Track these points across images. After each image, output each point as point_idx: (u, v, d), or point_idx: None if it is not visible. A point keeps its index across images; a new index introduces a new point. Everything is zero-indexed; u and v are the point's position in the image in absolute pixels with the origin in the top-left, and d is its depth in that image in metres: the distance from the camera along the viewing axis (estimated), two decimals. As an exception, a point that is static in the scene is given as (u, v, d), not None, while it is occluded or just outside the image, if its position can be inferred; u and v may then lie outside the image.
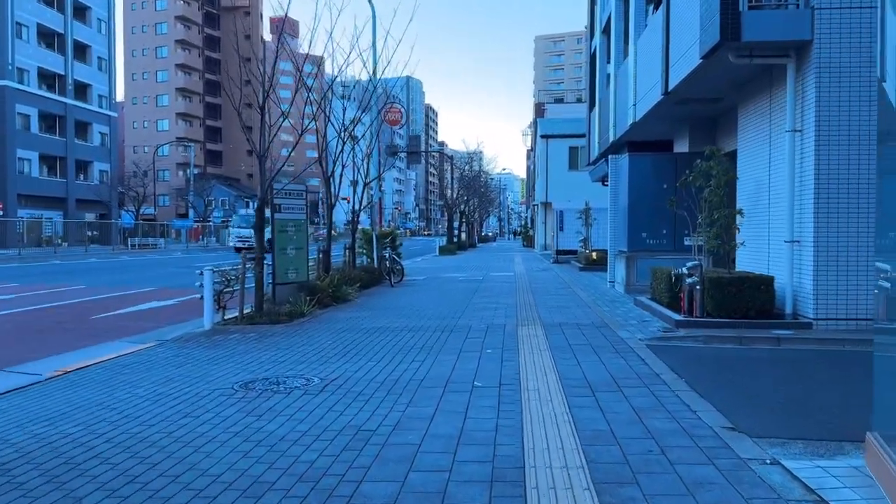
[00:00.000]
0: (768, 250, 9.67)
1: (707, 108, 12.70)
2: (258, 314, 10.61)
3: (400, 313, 11.13)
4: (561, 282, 17.02)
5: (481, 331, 9.03)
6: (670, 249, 13.09)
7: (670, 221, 13.11)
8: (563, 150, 39.94)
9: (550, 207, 37.84)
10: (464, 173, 49.17)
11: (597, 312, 10.72)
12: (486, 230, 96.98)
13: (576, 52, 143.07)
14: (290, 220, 12.24)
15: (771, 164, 9.62)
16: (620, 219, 14.07)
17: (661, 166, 13.19)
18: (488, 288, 15.59)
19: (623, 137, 16.57)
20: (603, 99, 19.85)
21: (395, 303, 12.78)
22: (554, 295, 13.70)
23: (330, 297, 12.66)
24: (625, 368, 6.44)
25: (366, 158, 16.75)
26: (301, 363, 7.11)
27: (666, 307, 9.73)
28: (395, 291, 15.16)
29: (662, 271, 10.21)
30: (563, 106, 52.04)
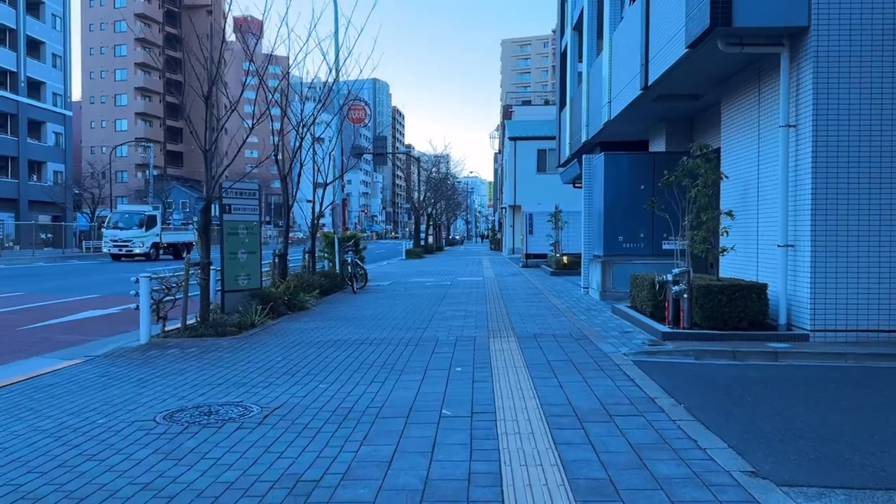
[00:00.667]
0: (757, 255, 9.00)
1: (686, 105, 12.05)
2: (203, 325, 9.61)
3: (361, 323, 10.22)
4: (532, 287, 16.26)
5: (450, 344, 8.17)
6: (648, 254, 12.40)
7: (648, 224, 12.43)
8: (531, 153, 39.33)
9: (519, 210, 37.23)
10: (431, 175, 48.30)
11: (573, 322, 9.95)
12: (453, 233, 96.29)
13: (542, 56, 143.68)
14: (242, 221, 11.25)
15: (760, 163, 8.95)
16: (595, 222, 13.36)
17: (639, 166, 12.50)
18: (457, 294, 14.75)
19: (596, 137, 15.90)
20: (575, 98, 19.19)
21: (356, 311, 11.86)
22: (526, 302, 12.91)
23: (285, 306, 11.70)
24: (613, 391, 5.63)
25: (327, 156, 15.78)
26: (242, 385, 6.17)
27: (649, 317, 8.99)
28: (358, 298, 14.23)
29: (644, 278, 9.48)
30: (531, 108, 51.46)
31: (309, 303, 12.45)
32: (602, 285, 12.53)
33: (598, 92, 14.83)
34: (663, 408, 5.08)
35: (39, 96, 58.82)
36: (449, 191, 60.20)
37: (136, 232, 34.14)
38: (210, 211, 10.10)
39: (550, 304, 12.50)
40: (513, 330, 9.24)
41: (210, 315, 10.00)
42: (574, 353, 7.41)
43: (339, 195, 19.25)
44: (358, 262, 16.29)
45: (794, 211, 7.96)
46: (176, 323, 9.70)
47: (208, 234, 10.19)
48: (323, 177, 15.64)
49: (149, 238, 34.48)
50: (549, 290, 15.54)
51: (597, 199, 13.26)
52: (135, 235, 34.08)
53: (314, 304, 12.65)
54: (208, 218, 10.01)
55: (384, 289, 16.42)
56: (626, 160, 12.62)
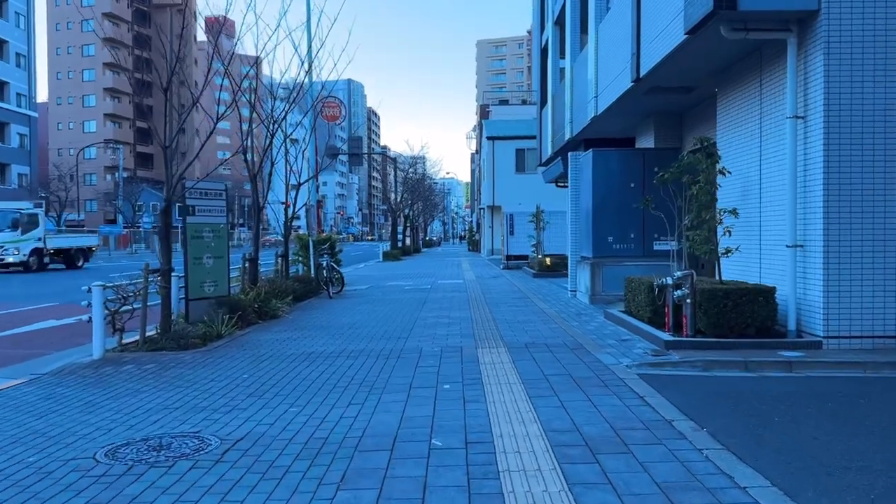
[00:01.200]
0: (759, 256, 8.45)
1: (677, 98, 11.51)
2: (164, 338, 8.82)
3: (337, 333, 9.49)
4: (516, 291, 15.64)
5: (435, 356, 7.49)
6: (639, 255, 11.83)
7: (639, 224, 11.87)
8: (510, 153, 38.77)
9: (498, 211, 36.66)
10: (408, 176, 47.56)
11: (565, 329, 9.32)
12: (430, 235, 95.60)
13: (517, 57, 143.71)
14: (207, 224, 10.47)
15: (762, 158, 8.40)
16: (583, 222, 12.76)
17: (629, 163, 11.93)
18: (438, 298, 14.07)
19: (581, 135, 15.33)
20: (557, 94, 18.62)
21: (332, 319, 11.12)
22: (512, 307, 12.28)
23: (255, 314, 10.93)
24: (623, 412, 4.99)
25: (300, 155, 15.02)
26: (202, 410, 5.44)
27: (647, 323, 8.39)
28: (334, 304, 13.48)
29: (640, 281, 8.88)
30: (509, 108, 50.91)
31: (281, 310, 11.69)
32: (591, 288, 11.93)
33: (583, 87, 14.27)
34: (684, 433, 4.45)
35: (3, 96, 57.06)
36: (426, 192, 59.51)
37: (9, 235, 26.93)
38: (170, 213, 9.30)
39: (538, 308, 11.87)
40: (502, 339, 8.59)
41: (172, 326, 9.21)
42: (572, 365, 6.77)
43: (314, 196, 18.47)
44: (334, 266, 15.54)
45: (804, 208, 7.41)
46: (134, 335, 8.91)
47: (169, 237, 9.39)
48: (296, 177, 14.88)
49: (27, 243, 27.38)
50: (534, 293, 14.92)
51: (584, 198, 12.67)
52: (7, 240, 26.83)
53: (287, 312, 11.89)
54: (168, 220, 9.22)
55: (362, 293, 15.69)
56: (615, 157, 12.04)
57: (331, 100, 19.97)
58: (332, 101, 19.97)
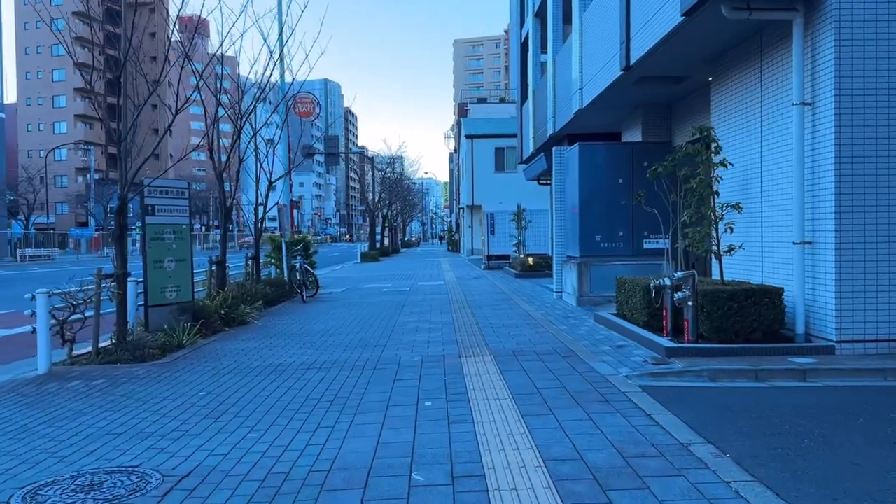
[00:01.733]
0: (761, 254, 7.90)
1: (667, 89, 10.96)
2: (119, 348, 8.08)
3: (309, 341, 8.80)
4: (499, 292, 15.02)
5: (414, 367, 6.83)
6: (629, 254, 11.27)
7: (628, 222, 11.31)
8: (489, 151, 38.21)
9: (478, 210, 36.06)
10: (386, 175, 46.81)
11: (554, 334, 8.71)
12: (409, 235, 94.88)
13: (495, 57, 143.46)
14: (168, 224, 9.72)
15: (764, 149, 7.85)
16: (569, 220, 12.18)
17: (617, 158, 11.36)
18: (418, 301, 13.41)
19: (564, 129, 14.77)
20: (538, 89, 18.05)
21: (304, 325, 10.41)
22: (495, 309, 11.65)
23: (221, 321, 10.19)
24: (631, 435, 4.37)
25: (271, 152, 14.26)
26: (148, 436, 4.73)
27: (643, 328, 7.80)
28: (308, 309, 12.76)
29: (634, 283, 8.29)
30: (487, 106, 50.42)
31: (250, 316, 10.96)
32: (579, 290, 11.34)
33: (567, 80, 13.70)
34: (704, 460, 3.84)
35: (-32, 97, 55.31)
36: (404, 191, 58.83)
37: None
38: (126, 212, 8.55)
39: (523, 311, 11.25)
40: (487, 346, 7.95)
41: (129, 335, 8.47)
42: (566, 376, 6.15)
43: (287, 195, 17.71)
44: (308, 268, 14.80)
45: (812, 202, 6.86)
46: (87, 346, 8.16)
47: (124, 239, 8.63)
48: (267, 175, 14.13)
49: None
50: (518, 294, 14.32)
51: (570, 194, 12.08)
52: None
53: (257, 318, 11.16)
54: (123, 221, 8.46)
55: (337, 297, 14.98)
56: (603, 151, 11.46)
57: (304, 95, 19.21)
58: (306, 97, 19.21)
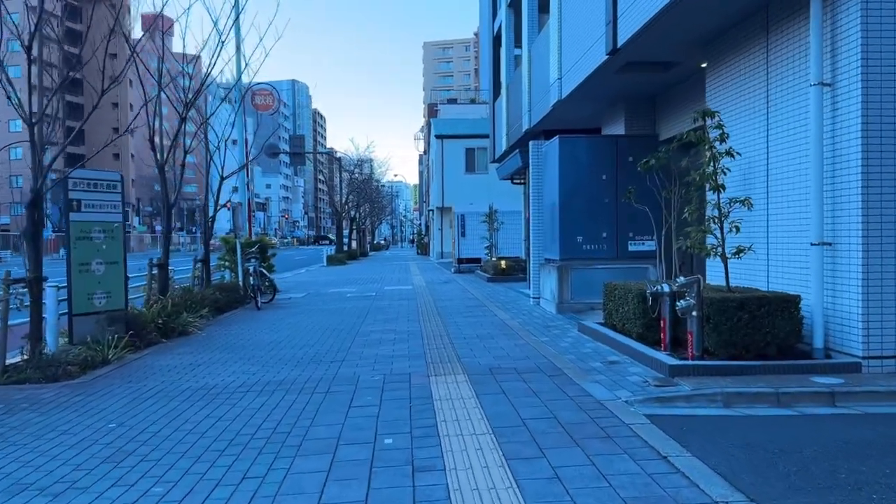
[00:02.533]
0: (766, 256, 7.02)
1: (653, 78, 10.09)
2: (31, 365, 6.89)
3: (255, 354, 7.68)
4: (471, 298, 14.03)
5: (375, 388, 5.79)
6: (612, 257, 10.35)
7: (611, 222, 10.39)
8: (459, 152, 37.27)
9: (448, 212, 35.08)
10: (353, 176, 45.58)
11: (535, 346, 7.73)
12: (378, 238, 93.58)
13: (464, 60, 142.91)
14: (98, 222, 8.56)
15: (770, 137, 6.98)
16: (548, 220, 11.23)
17: (600, 152, 10.44)
18: (383, 308, 12.34)
19: (540, 125, 13.85)
20: (512, 83, 17.13)
21: (253, 335, 9.29)
22: (468, 316, 10.65)
23: (158, 331, 9.02)
24: (647, 487, 3.39)
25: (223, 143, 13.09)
26: (22, 490, 3.63)
27: (638, 340, 6.85)
28: (261, 316, 11.61)
29: (626, 289, 7.34)
30: (458, 107, 49.50)
31: (194, 325, 9.78)
32: (559, 295, 10.39)
33: (544, 70, 12.77)
34: (755, 531, 2.86)
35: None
36: (373, 193, 57.61)
37: None
38: (41, 207, 7.39)
39: (498, 319, 10.27)
40: (459, 361, 6.93)
41: (43, 349, 7.28)
42: (555, 401, 5.15)
43: (244, 192, 16.52)
44: (264, 272, 13.63)
45: (833, 196, 5.98)
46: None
47: (39, 239, 7.46)
48: (218, 169, 12.96)
49: None
50: (491, 300, 13.34)
51: (549, 192, 11.14)
52: None
53: (201, 327, 9.98)
54: (37, 216, 7.29)
55: (296, 303, 13.83)
56: (585, 145, 10.54)
57: (262, 88, 18.04)
58: (265, 90, 18.04)
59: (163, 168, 10.79)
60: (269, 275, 13.86)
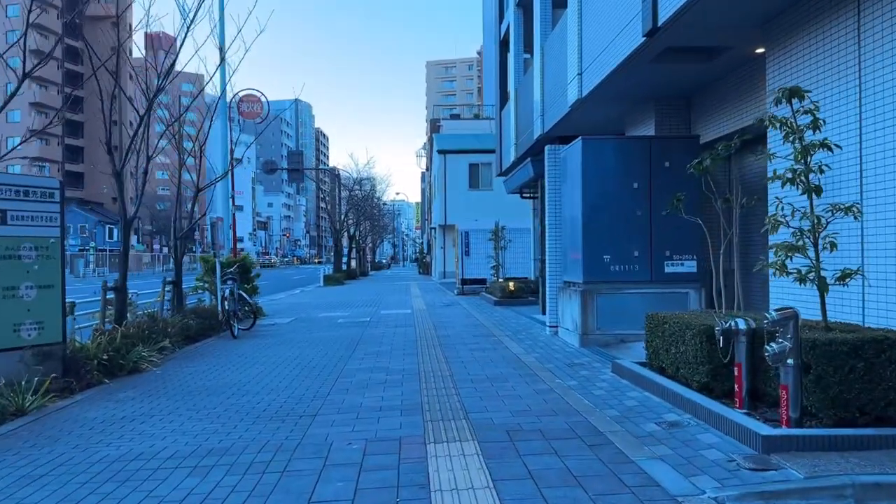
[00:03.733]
0: (862, 280, 5.44)
1: (692, 70, 8.62)
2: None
3: (209, 403, 6.09)
4: (477, 325, 12.43)
5: (349, 467, 4.20)
6: (645, 280, 8.77)
7: (645, 238, 8.82)
8: (462, 167, 35.82)
9: (451, 230, 33.59)
10: (352, 192, 44.11)
11: (561, 393, 6.13)
12: (380, 257, 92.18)
13: (467, 79, 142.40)
14: (27, 238, 7.03)
15: (865, 128, 5.44)
16: (568, 236, 9.66)
17: (631, 156, 8.90)
18: (376, 337, 10.76)
19: (554, 129, 12.35)
20: (522, 87, 15.68)
21: (218, 374, 7.70)
22: (474, 349, 9.06)
23: (102, 370, 7.45)
24: None
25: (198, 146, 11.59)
26: None
27: (700, 391, 5.25)
28: (235, 348, 10.03)
29: (680, 323, 5.73)
30: (461, 122, 48.05)
31: (149, 361, 8.20)
32: (582, 325, 8.79)
33: (560, 68, 11.30)
34: None
35: None
36: (374, 210, 56.19)
37: None
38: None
39: (510, 353, 8.67)
40: (466, 416, 5.34)
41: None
42: (608, 497, 3.56)
43: (227, 205, 14.99)
44: (243, 296, 12.04)
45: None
46: None
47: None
48: (193, 177, 11.45)
49: None
50: (501, 327, 11.75)
51: (570, 204, 9.58)
52: None
53: (159, 362, 8.40)
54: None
55: (280, 330, 12.24)
56: (613, 147, 8.99)
57: (250, 94, 16.60)
58: (252, 96, 16.59)
59: (119, 175, 9.27)
60: (249, 299, 12.27)
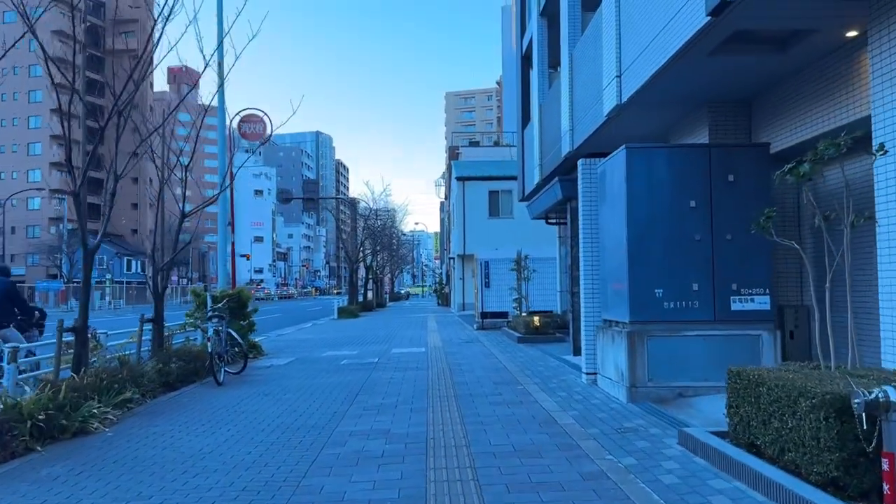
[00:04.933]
0: None
1: (758, 63, 7.14)
2: None
3: (149, 487, 4.57)
4: (499, 368, 10.85)
5: None
6: (707, 319, 7.15)
7: (705, 268, 7.23)
8: (482, 195, 34.44)
9: (470, 260, 32.06)
10: (368, 222, 42.83)
11: (617, 480, 4.55)
12: (399, 288, 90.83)
13: (486, 109, 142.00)
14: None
15: None
16: (609, 265, 8.10)
17: (687, 168, 7.36)
18: (383, 384, 9.23)
19: (585, 146, 10.89)
20: (547, 103, 14.28)
21: (181, 438, 6.19)
22: (496, 404, 7.49)
23: (36, 433, 5.99)
24: None
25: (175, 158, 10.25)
26: None
27: (824, 489, 3.65)
28: (215, 398, 8.54)
29: (789, 387, 4.11)
30: (480, 149, 46.84)
31: (101, 419, 6.72)
32: (630, 375, 7.18)
33: (594, 74, 9.87)
34: None
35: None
36: (393, 240, 54.89)
37: None
38: None
39: (542, 411, 7.08)
40: (487, 521, 3.78)
41: None
42: None
43: (225, 234, 13.62)
44: (233, 335, 10.57)
45: None
46: None
47: None
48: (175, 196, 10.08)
49: None
50: (527, 371, 10.16)
51: (611, 227, 8.04)
52: None
53: (116, 420, 6.92)
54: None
55: (273, 374, 10.74)
56: (665, 158, 7.45)
57: (251, 114, 15.35)
58: (255, 116, 15.34)
59: (78, 195, 7.92)
60: (239, 338, 10.78)
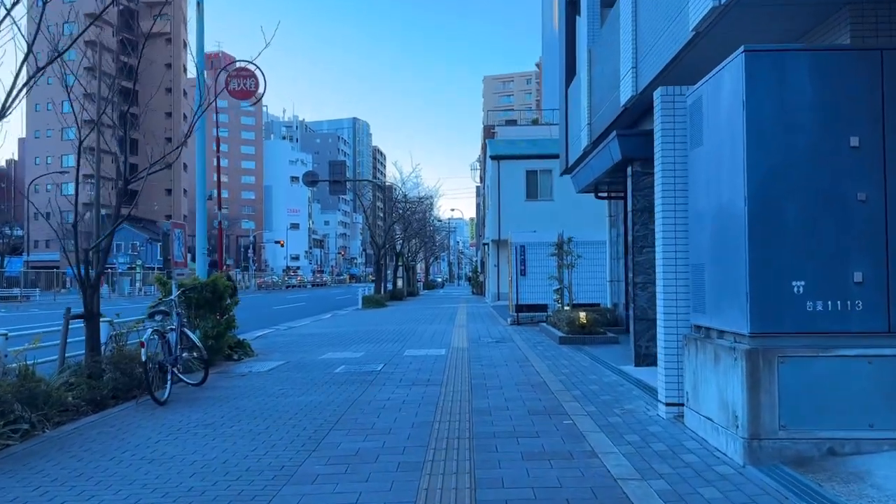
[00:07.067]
0: None
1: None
2: None
3: None
4: (536, 385, 8.21)
5: None
6: (880, 330, 4.41)
7: (874, 247, 4.48)
8: (519, 175, 31.67)
9: (505, 246, 29.41)
10: (398, 205, 40.37)
11: None
12: (434, 275, 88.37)
13: (525, 93, 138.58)
14: None
15: None
16: (710, 240, 5.36)
17: (842, 87, 4.58)
18: (375, 409, 6.69)
19: (658, 80, 8.02)
20: (599, 46, 11.51)
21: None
22: (531, 458, 4.89)
23: None
24: None
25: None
26: None
27: None
28: (139, 429, 6.08)
29: None
30: (518, 128, 44.00)
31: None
32: (751, 418, 4.47)
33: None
34: None
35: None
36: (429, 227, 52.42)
37: None
38: None
39: (606, 476, 4.44)
40: None
41: None
42: None
43: (202, 207, 11.21)
44: (188, 335, 8.12)
45: None
46: None
47: None
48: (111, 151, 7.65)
49: None
50: (574, 392, 7.51)
51: (714, 183, 5.27)
52: None
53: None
54: None
55: (244, 386, 8.27)
56: (809, 67, 4.62)
57: (243, 68, 12.89)
58: (246, 70, 12.87)
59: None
60: (196, 340, 8.29)
